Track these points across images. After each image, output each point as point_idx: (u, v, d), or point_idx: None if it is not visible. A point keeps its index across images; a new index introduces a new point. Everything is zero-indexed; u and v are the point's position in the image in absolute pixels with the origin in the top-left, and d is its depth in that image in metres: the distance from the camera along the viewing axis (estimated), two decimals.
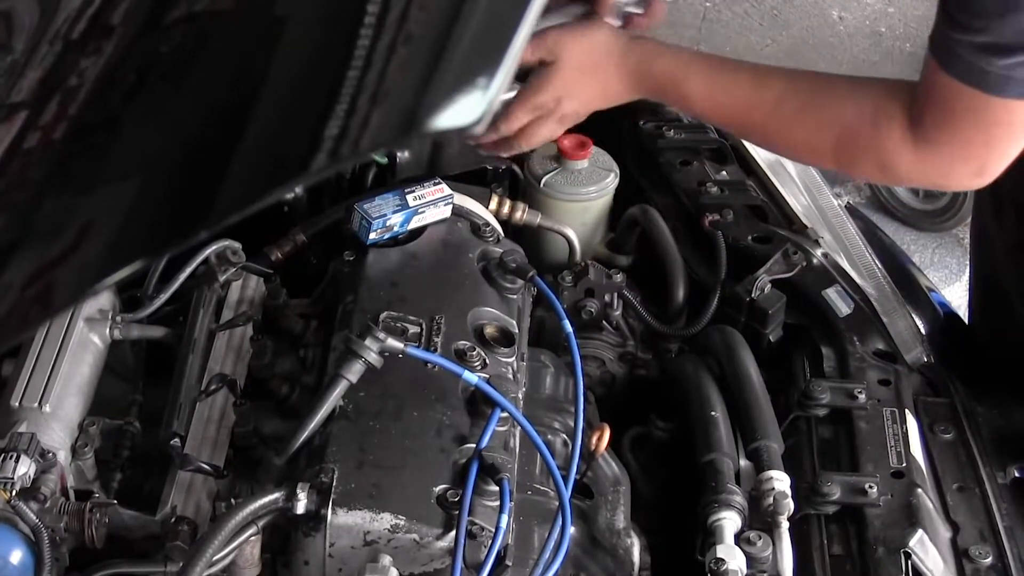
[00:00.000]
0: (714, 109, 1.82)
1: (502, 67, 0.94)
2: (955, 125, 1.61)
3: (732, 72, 1.79)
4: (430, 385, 1.65)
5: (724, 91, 1.78)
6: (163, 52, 1.34)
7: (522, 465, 1.68)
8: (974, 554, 1.75)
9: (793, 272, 2.03)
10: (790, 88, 1.76)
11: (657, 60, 1.79)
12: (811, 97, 1.74)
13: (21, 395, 1.64)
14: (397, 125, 1.06)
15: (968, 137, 1.62)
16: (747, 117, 1.78)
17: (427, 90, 1.03)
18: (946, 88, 1.57)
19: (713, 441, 1.77)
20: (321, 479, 1.51)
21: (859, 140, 1.68)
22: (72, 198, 1.26)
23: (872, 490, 1.75)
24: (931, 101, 1.61)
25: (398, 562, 1.50)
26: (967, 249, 4.25)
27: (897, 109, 1.66)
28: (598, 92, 1.82)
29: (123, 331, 1.79)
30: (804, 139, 1.75)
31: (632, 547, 1.74)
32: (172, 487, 1.65)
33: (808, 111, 1.73)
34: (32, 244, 1.26)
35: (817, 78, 1.78)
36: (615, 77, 1.80)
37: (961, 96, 1.56)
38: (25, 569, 1.47)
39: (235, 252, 1.88)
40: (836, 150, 1.71)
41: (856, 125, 1.68)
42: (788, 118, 1.74)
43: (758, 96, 1.76)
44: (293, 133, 1.11)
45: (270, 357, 1.79)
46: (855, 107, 1.69)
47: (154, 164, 1.21)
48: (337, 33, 1.16)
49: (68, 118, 1.32)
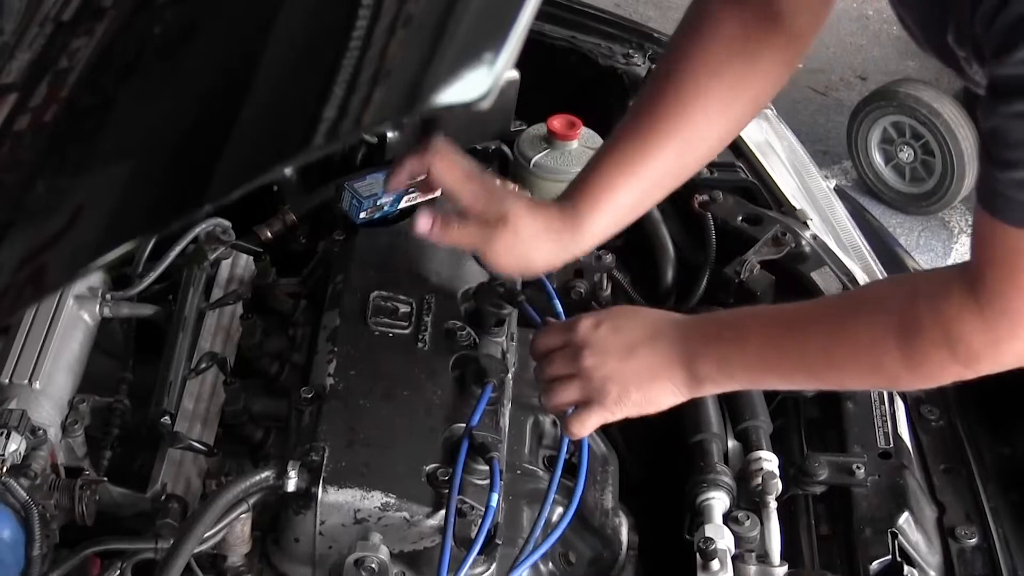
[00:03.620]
0: (775, 378, 1.66)
1: (508, 42, 0.94)
2: (1021, 276, 1.37)
3: (778, 339, 1.57)
4: (420, 365, 1.66)
5: (778, 362, 1.58)
6: (157, 32, 1.34)
7: (511, 445, 1.68)
8: (960, 534, 1.76)
9: (782, 253, 2.03)
10: (832, 307, 1.61)
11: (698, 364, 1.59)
12: (858, 304, 1.57)
13: (11, 372, 1.64)
14: (401, 100, 1.06)
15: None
16: (806, 364, 1.57)
17: (431, 65, 1.02)
18: (1002, 236, 1.34)
19: (702, 421, 1.78)
20: (312, 457, 1.51)
21: (921, 321, 1.43)
22: (66, 179, 1.26)
23: (859, 470, 1.76)
24: (988, 255, 1.37)
25: (388, 540, 1.51)
26: (952, 232, 4.29)
27: (951, 276, 1.43)
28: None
29: (113, 309, 1.79)
30: (869, 347, 1.49)
31: (620, 526, 1.75)
32: (162, 465, 1.65)
33: (862, 314, 1.51)
34: (25, 226, 1.26)
35: (852, 291, 1.69)
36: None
37: (1020, 241, 1.34)
38: (15, 545, 1.47)
39: (225, 231, 1.88)
40: (901, 343, 1.45)
41: (912, 305, 1.44)
42: (846, 334, 1.51)
43: (811, 335, 1.56)
44: (294, 108, 1.11)
45: (260, 336, 1.79)
46: (908, 289, 1.49)
47: (150, 142, 1.20)
48: (340, 7, 1.15)
49: (60, 100, 1.32)
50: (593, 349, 1.59)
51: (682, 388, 1.58)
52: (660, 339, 1.59)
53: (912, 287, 1.48)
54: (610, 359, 1.58)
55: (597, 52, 2.37)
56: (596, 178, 1.67)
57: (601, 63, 2.35)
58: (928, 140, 4.16)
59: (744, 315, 1.65)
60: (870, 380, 1.66)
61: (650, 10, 4.89)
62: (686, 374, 1.57)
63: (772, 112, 2.39)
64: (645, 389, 1.58)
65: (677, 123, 1.66)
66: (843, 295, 1.65)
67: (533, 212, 1.64)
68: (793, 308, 1.62)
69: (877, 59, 4.81)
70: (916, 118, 4.16)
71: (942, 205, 4.27)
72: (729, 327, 1.60)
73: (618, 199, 1.67)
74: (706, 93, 1.65)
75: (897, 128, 4.24)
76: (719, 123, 1.68)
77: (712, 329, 1.60)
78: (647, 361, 1.58)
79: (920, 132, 4.18)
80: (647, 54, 2.36)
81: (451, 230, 1.63)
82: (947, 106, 4.10)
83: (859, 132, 4.31)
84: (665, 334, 1.59)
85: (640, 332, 1.60)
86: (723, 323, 1.63)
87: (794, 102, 4.54)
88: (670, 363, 1.57)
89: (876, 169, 4.32)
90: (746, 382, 1.66)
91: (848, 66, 4.86)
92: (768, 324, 1.58)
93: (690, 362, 1.56)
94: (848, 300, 1.62)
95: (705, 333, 1.59)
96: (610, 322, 1.61)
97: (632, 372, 1.58)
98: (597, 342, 1.59)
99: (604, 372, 1.58)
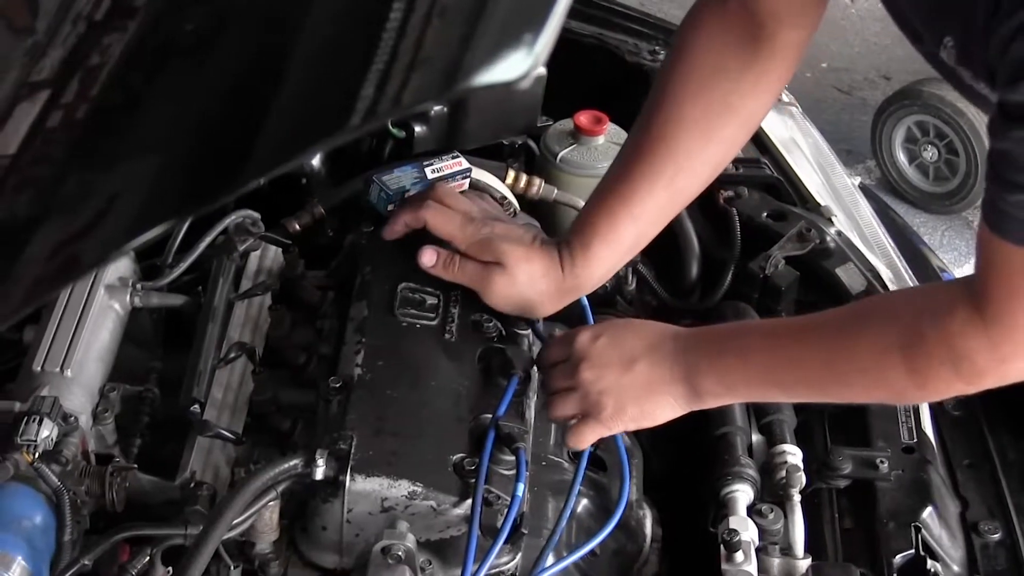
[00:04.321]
0: (778, 392, 1.67)
1: (549, 23, 0.94)
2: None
3: (781, 354, 1.58)
4: (447, 355, 1.67)
5: (780, 377, 1.59)
6: (190, 24, 1.35)
7: (536, 437, 1.69)
8: (983, 529, 1.77)
9: (807, 249, 2.04)
10: (836, 321, 1.58)
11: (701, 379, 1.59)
12: (861, 318, 1.55)
13: (43, 360, 1.66)
14: (440, 79, 1.06)
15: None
16: (809, 379, 1.58)
17: (471, 44, 1.02)
18: (1007, 255, 1.34)
19: (726, 415, 1.79)
20: (339, 446, 1.52)
21: (925, 339, 1.43)
22: (97, 172, 1.27)
23: (883, 465, 1.77)
24: (993, 274, 1.37)
25: (415, 528, 1.52)
26: (975, 232, 4.27)
27: (955, 293, 1.44)
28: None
29: (143, 299, 1.81)
30: (873, 363, 1.49)
31: (644, 519, 1.76)
32: (191, 453, 1.67)
33: (865, 330, 1.51)
34: (57, 218, 1.27)
35: (855, 305, 1.69)
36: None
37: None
38: (47, 530, 1.48)
39: (254, 223, 1.90)
40: (905, 360, 1.45)
41: (916, 322, 1.45)
42: (850, 348, 1.52)
43: (815, 347, 1.56)
44: (331, 89, 1.11)
45: (288, 327, 1.80)
46: (911, 305, 1.50)
47: (184, 129, 1.21)
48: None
49: (91, 96, 1.33)
50: (591, 362, 1.60)
51: (681, 402, 1.59)
52: (659, 353, 1.59)
53: (916, 303, 1.49)
54: (608, 373, 1.60)
55: (624, 49, 2.38)
56: (592, 221, 1.69)
57: (628, 60, 2.36)
58: (952, 139, 4.16)
59: (746, 329, 1.67)
60: (874, 395, 1.66)
61: (675, 9, 4.89)
62: (686, 388, 1.58)
63: (797, 109, 2.40)
64: (643, 403, 1.60)
65: (664, 161, 1.67)
66: (846, 309, 1.63)
67: (530, 257, 1.67)
68: (796, 322, 1.63)
69: (901, 59, 4.80)
70: (940, 117, 4.16)
71: (966, 204, 4.26)
72: (731, 341, 1.60)
73: (616, 240, 1.69)
74: (691, 125, 1.65)
75: (921, 127, 4.23)
76: (707, 152, 1.68)
77: (713, 343, 1.60)
78: (645, 376, 1.59)
79: (944, 131, 4.17)
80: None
81: (452, 268, 1.69)
82: (971, 106, 4.09)
83: (883, 131, 4.31)
84: (664, 348, 1.59)
85: (639, 345, 1.60)
86: (724, 337, 1.63)
87: (818, 101, 4.54)
88: (670, 378, 1.58)
89: (900, 168, 4.32)
90: (747, 396, 1.67)
91: (872, 66, 4.85)
92: (770, 338, 1.59)
93: (690, 377, 1.57)
94: (851, 314, 1.61)
95: (706, 347, 1.59)
96: (609, 335, 1.62)
97: (629, 386, 1.59)
98: (595, 355, 1.60)
99: (601, 386, 1.60)
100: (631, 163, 1.69)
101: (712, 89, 1.65)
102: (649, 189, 1.67)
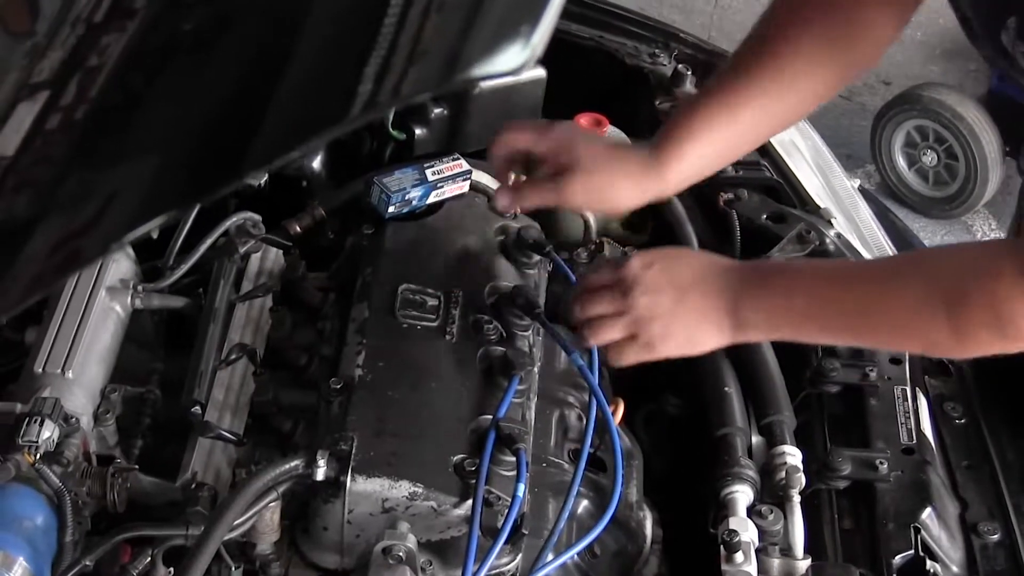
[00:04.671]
0: (819, 332, 1.70)
1: (546, 15, 0.95)
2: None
3: (826, 295, 1.61)
4: (448, 356, 1.67)
5: (823, 318, 1.62)
6: (190, 19, 1.36)
7: (536, 438, 1.70)
8: (983, 530, 1.77)
9: (806, 251, 2.04)
10: (883, 271, 1.64)
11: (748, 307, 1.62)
12: (908, 270, 1.60)
13: (44, 361, 1.66)
14: (439, 70, 1.07)
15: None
16: (850, 323, 1.62)
17: (469, 36, 1.03)
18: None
19: (726, 415, 1.79)
20: (340, 447, 1.53)
21: (970, 298, 1.46)
22: (96, 171, 1.28)
23: (883, 466, 1.77)
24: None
25: (415, 529, 1.53)
26: (976, 236, 4.28)
27: (1001, 253, 1.46)
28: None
29: (144, 300, 1.81)
30: (915, 315, 1.52)
31: (645, 520, 1.76)
32: (192, 454, 1.67)
33: (912, 282, 1.54)
34: (56, 217, 1.28)
35: (903, 255, 1.72)
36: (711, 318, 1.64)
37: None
38: (48, 531, 1.49)
39: (255, 224, 1.90)
40: (949, 317, 1.48)
41: (961, 281, 1.48)
42: (892, 301, 1.55)
43: (857, 296, 1.59)
44: (331, 80, 1.12)
45: (289, 328, 1.81)
46: (957, 263, 1.54)
47: (185, 122, 1.22)
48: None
49: (90, 97, 1.34)
50: (644, 288, 1.62)
51: (726, 332, 1.62)
52: (709, 284, 1.63)
53: (962, 261, 1.52)
54: (660, 299, 1.62)
55: (623, 52, 2.39)
56: (682, 126, 1.72)
57: (627, 62, 2.37)
58: (951, 144, 4.16)
59: (794, 267, 1.71)
60: (912, 345, 1.74)
61: (675, 14, 4.90)
62: (732, 320, 1.61)
63: None
64: (691, 331, 1.63)
65: (767, 79, 1.70)
66: (893, 259, 1.67)
67: (608, 154, 1.71)
68: (843, 268, 1.67)
69: (901, 63, 4.80)
70: (940, 122, 4.16)
71: (965, 209, 4.26)
72: (777, 280, 1.64)
73: (701, 149, 1.71)
74: (799, 52, 1.68)
75: (921, 132, 4.24)
76: (809, 84, 1.72)
77: (761, 278, 1.64)
78: (697, 304, 1.62)
79: (944, 136, 4.17)
80: (673, 54, 2.38)
81: (525, 194, 1.73)
82: (971, 110, 4.10)
83: (883, 136, 4.31)
84: (714, 279, 1.63)
85: (690, 275, 1.64)
86: (773, 272, 1.68)
87: (818, 106, 4.54)
88: (718, 309, 1.61)
89: (899, 173, 4.32)
90: (789, 334, 1.69)
91: (872, 71, 4.85)
92: (817, 279, 1.63)
93: (737, 309, 1.60)
94: (896, 268, 1.64)
95: (754, 281, 1.63)
96: (661, 263, 1.65)
97: (682, 313, 1.62)
98: (649, 282, 1.63)
99: (653, 312, 1.62)
100: (732, 79, 1.72)
101: (828, 24, 1.67)
102: (745, 105, 1.70)
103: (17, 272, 1.20)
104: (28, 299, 1.27)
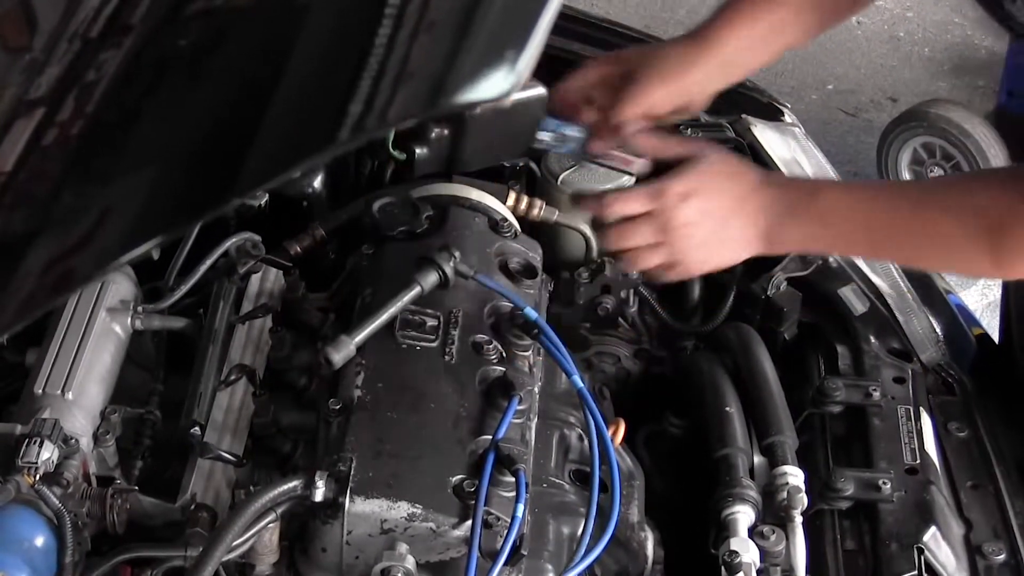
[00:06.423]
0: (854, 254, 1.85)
1: (531, 42, 0.95)
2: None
3: (866, 218, 1.67)
4: (447, 377, 1.67)
5: (862, 242, 1.72)
6: (183, 43, 1.36)
7: (537, 459, 1.69)
8: (987, 551, 1.76)
9: (809, 270, 2.04)
10: (924, 196, 1.68)
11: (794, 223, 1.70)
12: (952, 196, 1.64)
13: (44, 382, 1.66)
14: (425, 96, 1.07)
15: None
16: (888, 247, 1.72)
17: (455, 63, 1.04)
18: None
19: (728, 436, 1.79)
20: (339, 468, 1.53)
21: (1012, 233, 1.51)
22: (91, 188, 1.28)
23: (886, 486, 1.77)
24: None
25: (415, 550, 1.52)
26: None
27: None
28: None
29: (144, 321, 1.81)
30: (957, 242, 1.58)
31: (646, 540, 1.75)
32: (192, 475, 1.67)
33: (954, 207, 1.60)
34: (51, 233, 1.28)
35: (943, 179, 1.77)
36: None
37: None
38: (48, 552, 1.49)
39: (255, 245, 1.90)
40: (992, 245, 1.54)
41: (1009, 212, 1.53)
42: (935, 227, 1.61)
43: (896, 221, 1.65)
44: (320, 105, 1.12)
45: (289, 349, 1.80)
46: (1001, 192, 1.56)
47: (177, 145, 1.22)
48: (365, 7, 1.17)
49: (86, 113, 1.34)
50: (686, 219, 1.69)
51: (761, 247, 1.71)
52: (749, 210, 1.69)
53: (1007, 191, 1.55)
54: (700, 231, 1.70)
55: None
56: (721, 17, 1.84)
57: None
58: (959, 161, 4.15)
59: (828, 190, 1.75)
60: (951, 268, 1.90)
61: (680, 31, 4.90)
62: (767, 243, 1.70)
63: (800, 130, 2.40)
64: (730, 254, 1.73)
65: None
66: (936, 183, 1.73)
67: (660, 53, 1.88)
68: (884, 188, 1.75)
69: (908, 80, 4.80)
70: (946, 139, 4.15)
71: None
72: (814, 201, 1.69)
73: (738, 42, 1.82)
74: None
75: (927, 149, 4.23)
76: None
77: (801, 201, 1.69)
78: (736, 233, 1.70)
79: (951, 153, 4.16)
80: None
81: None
82: (978, 127, 4.09)
83: (889, 153, 4.30)
84: (752, 203, 1.69)
85: (729, 203, 1.70)
86: (809, 196, 1.71)
87: (824, 123, 4.54)
88: (756, 233, 1.69)
89: None
90: (822, 252, 1.83)
91: (878, 87, 4.85)
92: (850, 205, 1.68)
93: (775, 232, 1.68)
94: (941, 189, 1.70)
95: (793, 205, 1.68)
96: (698, 196, 1.70)
97: (722, 241, 1.71)
98: (689, 215, 1.69)
99: (695, 242, 1.71)
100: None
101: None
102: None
103: (12, 291, 1.20)
104: (22, 320, 1.27)
